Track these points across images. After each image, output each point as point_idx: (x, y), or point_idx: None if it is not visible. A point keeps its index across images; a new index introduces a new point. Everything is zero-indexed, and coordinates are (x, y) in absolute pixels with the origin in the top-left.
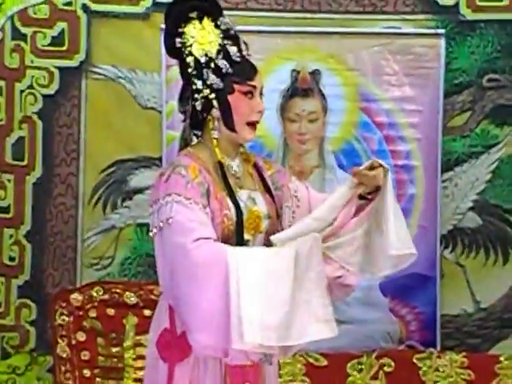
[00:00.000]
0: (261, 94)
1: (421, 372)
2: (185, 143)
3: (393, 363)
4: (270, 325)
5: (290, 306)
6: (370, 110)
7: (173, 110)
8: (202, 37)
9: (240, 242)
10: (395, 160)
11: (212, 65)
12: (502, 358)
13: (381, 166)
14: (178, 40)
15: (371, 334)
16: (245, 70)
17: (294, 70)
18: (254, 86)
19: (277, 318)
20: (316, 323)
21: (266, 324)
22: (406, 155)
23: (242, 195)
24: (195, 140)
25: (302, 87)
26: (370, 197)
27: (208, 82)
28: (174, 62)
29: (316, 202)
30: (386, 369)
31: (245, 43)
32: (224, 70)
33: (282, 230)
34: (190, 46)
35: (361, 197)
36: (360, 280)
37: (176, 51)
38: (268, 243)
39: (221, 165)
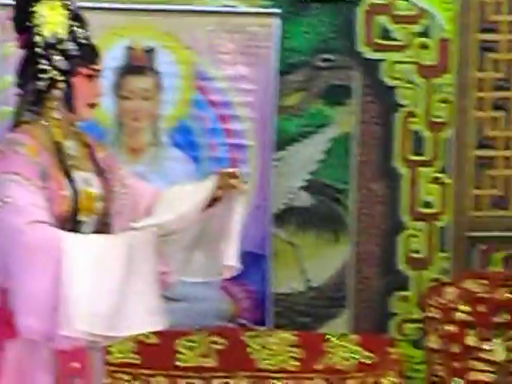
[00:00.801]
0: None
1: (251, 350)
2: (18, 119)
3: (223, 341)
4: (99, 313)
5: (120, 295)
6: (204, 89)
7: (5, 85)
8: (51, 17)
9: (75, 223)
10: (229, 139)
11: (60, 46)
12: (330, 337)
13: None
14: (27, 18)
15: (203, 312)
16: (90, 54)
17: (128, 48)
18: (98, 70)
19: (106, 306)
20: (147, 315)
21: (95, 312)
22: (240, 134)
23: (78, 177)
24: (29, 117)
25: (136, 65)
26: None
27: (54, 63)
28: (11, 37)
29: (144, 192)
30: (216, 346)
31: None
32: (71, 52)
33: (114, 213)
34: (40, 25)
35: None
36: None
37: (24, 29)
38: (102, 226)
39: (58, 145)
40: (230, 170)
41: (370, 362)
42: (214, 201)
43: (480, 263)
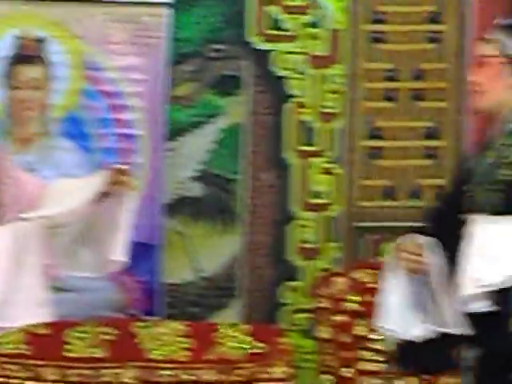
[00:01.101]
0: None
1: (141, 340)
2: None
3: (113, 331)
4: None
5: (7, 286)
6: (95, 79)
7: None
8: None
9: None
10: (120, 129)
11: None
12: (219, 327)
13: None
14: None
15: (93, 303)
16: None
17: (17, 37)
18: None
19: None
20: (35, 306)
21: None
22: (130, 124)
23: None
24: None
25: (26, 54)
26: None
27: None
28: None
29: (29, 184)
30: (106, 337)
31: None
32: None
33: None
34: None
35: None
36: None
37: None
38: None
39: None
40: (121, 166)
41: (260, 351)
42: (103, 196)
43: (370, 253)
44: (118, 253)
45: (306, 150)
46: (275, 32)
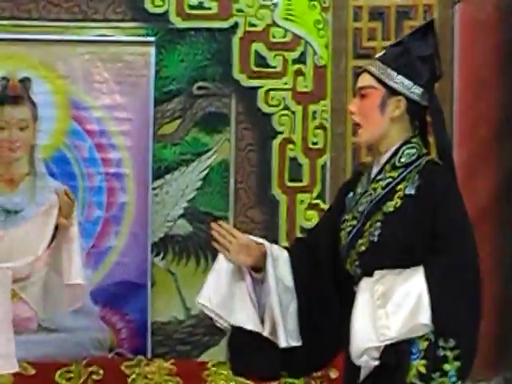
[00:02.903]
0: None
1: (129, 380)
2: None
3: (101, 371)
4: None
5: None
6: (80, 118)
7: None
8: None
9: None
10: (106, 168)
11: None
12: (209, 365)
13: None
14: None
15: (81, 342)
16: None
17: (3, 78)
18: None
19: None
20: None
21: None
22: (117, 163)
23: None
24: None
25: (12, 95)
26: None
27: None
28: None
29: None
30: (94, 377)
31: None
32: None
33: None
34: None
35: None
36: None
37: None
38: None
39: None
40: (62, 188)
41: None
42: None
43: None
44: (75, 276)
45: (293, 186)
46: (261, 69)
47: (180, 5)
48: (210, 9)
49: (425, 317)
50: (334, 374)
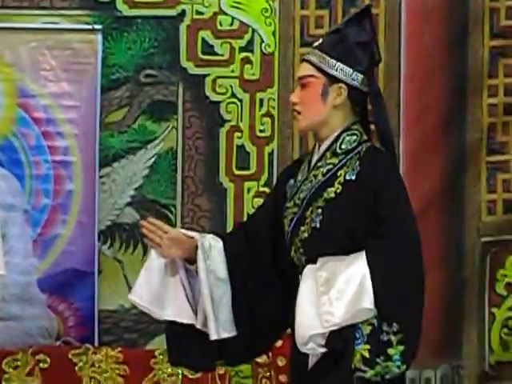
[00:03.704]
0: None
1: (77, 368)
2: None
3: (49, 359)
4: None
5: None
6: (27, 106)
7: None
8: None
9: None
10: (53, 156)
11: None
12: (156, 353)
13: None
14: None
15: (28, 331)
16: None
17: None
18: None
19: None
20: None
21: None
22: (64, 151)
23: None
24: None
25: None
26: None
27: None
28: None
29: None
30: (41, 365)
31: None
32: None
33: None
34: None
35: None
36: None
37: None
38: None
39: None
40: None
41: (196, 377)
42: None
43: None
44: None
45: (240, 174)
46: (208, 57)
47: None
48: None
49: (368, 301)
50: (281, 362)
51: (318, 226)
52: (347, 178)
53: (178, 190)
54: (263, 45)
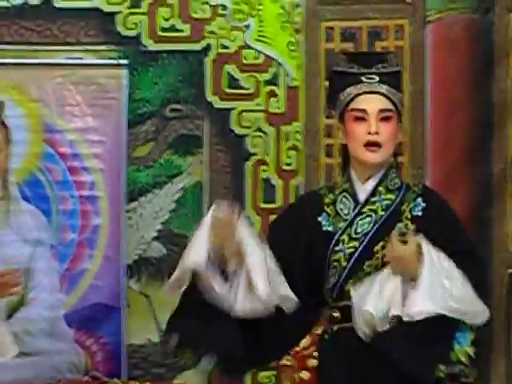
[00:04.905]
0: None
1: None
2: None
3: None
4: None
5: None
6: (53, 141)
7: None
8: None
9: None
10: (80, 191)
11: None
12: None
13: None
14: None
15: (56, 366)
16: None
17: None
18: None
19: None
20: None
21: None
22: (90, 186)
23: None
24: None
25: None
26: None
27: None
28: None
29: None
30: None
31: None
32: None
33: None
34: None
35: None
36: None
37: None
38: None
39: None
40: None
41: None
42: None
43: None
44: None
45: (266, 208)
46: (233, 90)
47: (152, 27)
48: (182, 31)
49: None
50: None
51: None
52: (413, 213)
53: None
54: (288, 78)
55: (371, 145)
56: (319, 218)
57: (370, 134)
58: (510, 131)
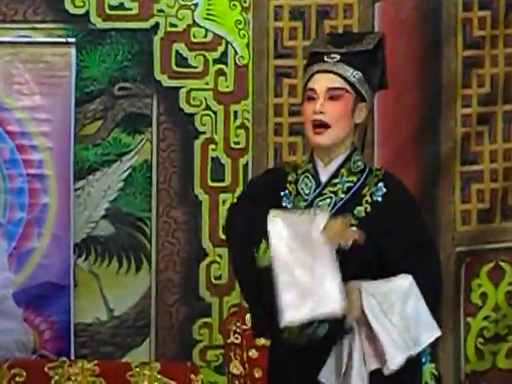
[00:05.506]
0: None
1: (53, 381)
2: None
3: (24, 373)
4: None
5: None
6: (1, 120)
7: None
8: None
9: None
10: (28, 169)
11: None
12: (133, 365)
13: None
14: None
15: (4, 345)
16: None
17: None
18: None
19: None
20: None
21: None
22: (38, 164)
23: None
24: None
25: None
26: None
27: None
28: None
29: None
30: (17, 379)
31: None
32: None
33: None
34: None
35: None
36: None
37: None
38: None
39: None
40: None
41: None
42: None
43: None
44: None
45: (215, 186)
46: (182, 69)
47: (100, 5)
48: (130, 9)
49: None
50: (257, 374)
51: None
52: (374, 198)
53: (152, 202)
54: (237, 57)
55: (318, 126)
56: (281, 193)
57: (314, 112)
58: (458, 111)
